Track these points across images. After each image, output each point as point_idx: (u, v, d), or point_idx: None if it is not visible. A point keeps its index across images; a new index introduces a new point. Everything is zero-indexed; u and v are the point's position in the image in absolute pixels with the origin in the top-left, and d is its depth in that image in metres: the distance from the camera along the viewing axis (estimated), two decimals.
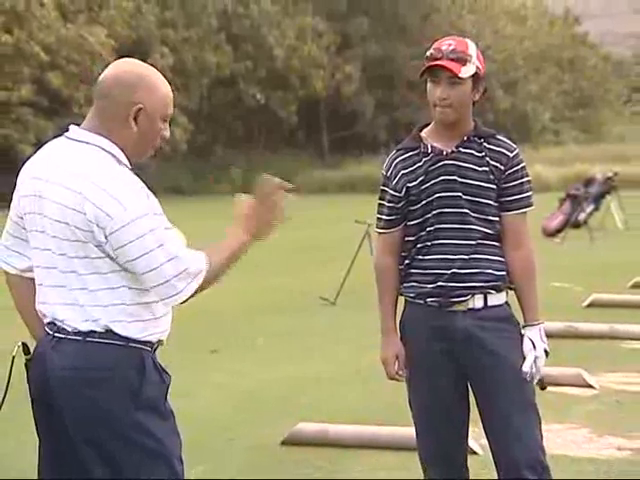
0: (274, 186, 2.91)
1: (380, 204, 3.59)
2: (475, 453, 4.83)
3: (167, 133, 2.90)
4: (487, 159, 3.47)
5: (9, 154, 26.09)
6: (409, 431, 3.88)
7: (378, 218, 3.61)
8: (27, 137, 26.85)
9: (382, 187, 3.59)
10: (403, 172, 3.52)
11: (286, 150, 36.92)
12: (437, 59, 3.40)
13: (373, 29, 37.91)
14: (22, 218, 2.89)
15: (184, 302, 2.82)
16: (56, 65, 28.04)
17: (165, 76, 2.95)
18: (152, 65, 2.98)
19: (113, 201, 2.70)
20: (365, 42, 38.00)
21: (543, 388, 3.57)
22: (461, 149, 3.48)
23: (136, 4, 31.63)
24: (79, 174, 2.75)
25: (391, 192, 3.54)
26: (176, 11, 33.43)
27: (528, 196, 3.52)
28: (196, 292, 2.82)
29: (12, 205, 2.94)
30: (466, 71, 3.40)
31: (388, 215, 3.56)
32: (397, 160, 3.55)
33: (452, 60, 3.38)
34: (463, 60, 3.39)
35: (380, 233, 3.61)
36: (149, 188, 2.83)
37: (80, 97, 27.75)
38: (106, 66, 2.97)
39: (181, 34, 33.06)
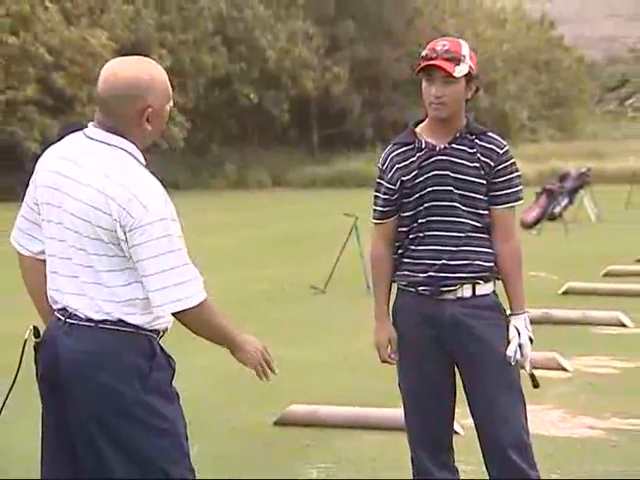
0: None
1: (376, 196, 3.57)
2: (457, 433, 4.83)
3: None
4: (478, 155, 3.45)
5: (15, 151, 26.05)
6: (398, 412, 3.89)
7: (374, 209, 3.59)
8: (32, 134, 26.79)
9: (378, 180, 3.57)
10: (398, 166, 3.50)
11: (278, 147, 36.91)
12: (432, 59, 3.38)
13: (360, 32, 37.92)
14: (37, 205, 2.88)
15: (185, 321, 2.76)
16: (60, 66, 27.99)
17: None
18: None
19: (138, 203, 2.69)
20: (353, 45, 38.01)
21: (536, 386, 3.55)
22: (453, 145, 3.46)
23: (136, 8, 31.56)
24: (107, 177, 2.72)
25: (386, 185, 3.52)
26: (174, 15, 33.36)
27: (517, 191, 3.50)
28: (189, 315, 2.73)
29: (28, 190, 2.93)
30: (460, 70, 3.37)
31: (383, 207, 3.54)
32: (392, 154, 3.53)
33: (446, 60, 3.36)
34: (457, 60, 3.37)
35: (375, 223, 3.59)
36: None
37: (83, 96, 27.73)
38: (102, 65, 2.89)
39: (178, 37, 33.00)
